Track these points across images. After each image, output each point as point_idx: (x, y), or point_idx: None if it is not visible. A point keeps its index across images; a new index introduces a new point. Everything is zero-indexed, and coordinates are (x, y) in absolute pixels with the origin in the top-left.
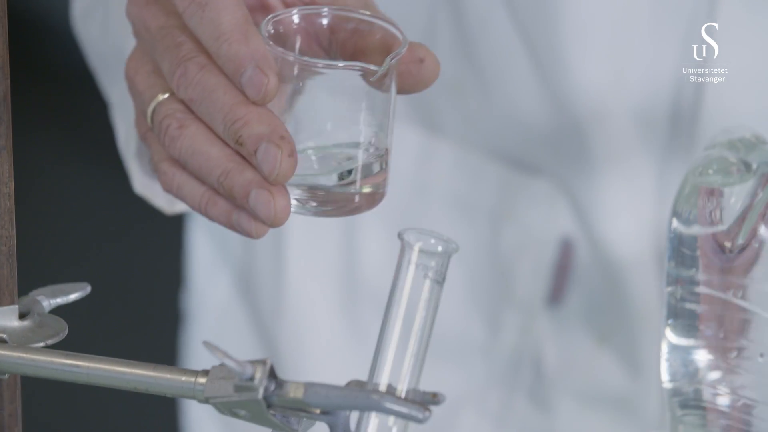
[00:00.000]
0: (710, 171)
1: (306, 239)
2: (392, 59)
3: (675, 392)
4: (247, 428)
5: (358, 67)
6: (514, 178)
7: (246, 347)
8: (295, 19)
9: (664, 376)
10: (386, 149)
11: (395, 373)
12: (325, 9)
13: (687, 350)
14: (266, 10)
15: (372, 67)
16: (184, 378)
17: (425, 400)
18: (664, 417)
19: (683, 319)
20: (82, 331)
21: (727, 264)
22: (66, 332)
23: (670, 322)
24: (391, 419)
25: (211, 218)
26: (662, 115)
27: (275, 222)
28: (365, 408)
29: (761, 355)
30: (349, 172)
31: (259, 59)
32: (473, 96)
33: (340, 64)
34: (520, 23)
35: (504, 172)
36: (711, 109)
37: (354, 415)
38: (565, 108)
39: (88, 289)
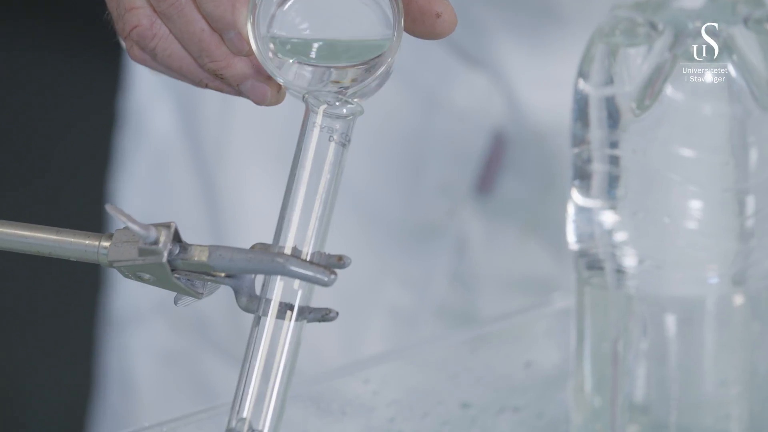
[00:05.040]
0: (617, 32)
1: None
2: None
3: (581, 253)
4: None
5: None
6: (455, 65)
7: (186, 190)
8: None
9: (571, 237)
10: None
11: (300, 236)
12: None
13: (593, 211)
14: None
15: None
16: (87, 241)
17: (330, 264)
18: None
19: (589, 179)
20: None
21: (634, 125)
22: None
23: (576, 182)
24: (297, 282)
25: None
26: None
27: (271, 104)
28: (270, 271)
29: (667, 217)
30: None
31: (240, 27)
32: None
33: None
34: None
35: (446, 58)
36: None
37: (259, 279)
38: None
39: None
